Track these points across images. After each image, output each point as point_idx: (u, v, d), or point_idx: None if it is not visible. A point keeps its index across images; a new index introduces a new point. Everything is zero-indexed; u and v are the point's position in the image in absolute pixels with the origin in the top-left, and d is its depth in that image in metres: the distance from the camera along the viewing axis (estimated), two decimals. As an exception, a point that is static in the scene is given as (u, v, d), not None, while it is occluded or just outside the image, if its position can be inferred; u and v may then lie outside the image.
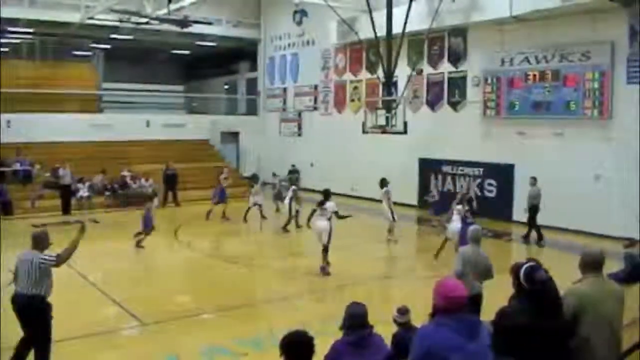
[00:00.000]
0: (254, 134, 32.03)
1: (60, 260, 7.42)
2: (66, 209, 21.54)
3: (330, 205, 13.36)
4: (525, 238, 16.98)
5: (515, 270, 5.27)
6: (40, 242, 7.52)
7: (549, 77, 18.70)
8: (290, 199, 18.36)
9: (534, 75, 19.11)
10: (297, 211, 18.40)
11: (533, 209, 16.87)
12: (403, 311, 6.37)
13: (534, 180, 17.07)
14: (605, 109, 17.47)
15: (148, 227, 15.76)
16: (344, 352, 4.94)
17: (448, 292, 4.10)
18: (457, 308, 4.05)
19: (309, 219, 14.35)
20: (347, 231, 18.52)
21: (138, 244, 15.69)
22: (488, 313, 5.44)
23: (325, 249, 13.28)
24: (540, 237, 16.71)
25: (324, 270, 13.25)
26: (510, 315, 5.06)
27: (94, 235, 18.59)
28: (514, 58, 19.68)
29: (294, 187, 19.03)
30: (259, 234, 18.58)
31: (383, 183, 16.67)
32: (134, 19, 23.02)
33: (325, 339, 5.01)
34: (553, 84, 18.60)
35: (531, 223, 16.92)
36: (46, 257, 7.34)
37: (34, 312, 7.30)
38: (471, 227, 9.56)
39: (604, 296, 5.40)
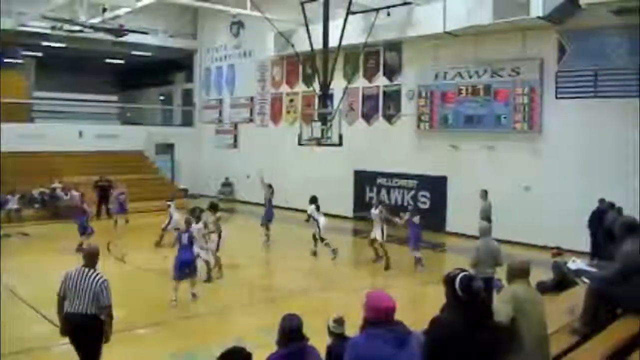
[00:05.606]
0: (190, 145, 31.78)
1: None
2: (-6, 222, 20.84)
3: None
4: None
5: (450, 280, 5.30)
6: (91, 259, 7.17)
7: (481, 91, 19.22)
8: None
9: (467, 90, 19.60)
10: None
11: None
12: (339, 321, 6.40)
13: (484, 194, 17.28)
14: (535, 123, 18.06)
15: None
16: (279, 365, 4.92)
17: (377, 304, 4.20)
18: (386, 318, 4.14)
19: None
20: (280, 244, 18.55)
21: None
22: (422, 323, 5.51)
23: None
24: None
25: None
26: (443, 326, 5.10)
27: (24, 249, 18.23)
28: (447, 73, 20.13)
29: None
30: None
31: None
32: (67, 26, 22.53)
33: (260, 353, 4.99)
34: (484, 99, 19.11)
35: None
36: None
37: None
38: (483, 224, 10.97)
39: (534, 301, 5.62)
